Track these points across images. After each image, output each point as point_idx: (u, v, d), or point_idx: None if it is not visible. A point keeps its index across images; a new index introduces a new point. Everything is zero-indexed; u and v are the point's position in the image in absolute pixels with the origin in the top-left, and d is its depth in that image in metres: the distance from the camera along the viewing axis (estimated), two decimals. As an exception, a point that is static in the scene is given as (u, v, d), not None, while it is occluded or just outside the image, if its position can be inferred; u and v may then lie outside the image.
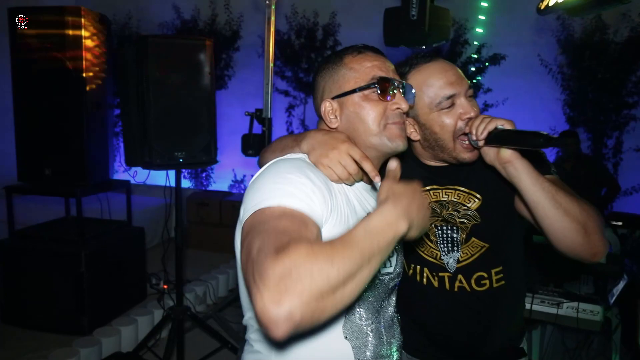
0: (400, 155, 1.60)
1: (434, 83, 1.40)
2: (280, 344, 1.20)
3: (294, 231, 0.91)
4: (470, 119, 1.38)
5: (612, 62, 5.97)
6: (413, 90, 1.35)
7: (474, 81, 6.48)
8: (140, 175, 4.79)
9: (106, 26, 4.25)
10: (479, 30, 6.24)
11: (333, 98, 1.28)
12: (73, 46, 3.88)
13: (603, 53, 5.98)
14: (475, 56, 6.47)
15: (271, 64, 3.53)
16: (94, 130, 4.03)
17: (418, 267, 1.58)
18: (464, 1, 6.42)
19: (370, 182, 1.32)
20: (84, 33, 3.90)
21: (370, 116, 1.24)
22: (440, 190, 1.53)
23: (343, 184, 1.24)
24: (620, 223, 4.90)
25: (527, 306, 3.12)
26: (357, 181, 1.26)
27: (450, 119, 1.39)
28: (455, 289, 1.52)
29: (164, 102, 3.10)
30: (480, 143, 1.31)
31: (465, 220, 1.50)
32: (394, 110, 1.25)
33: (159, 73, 3.07)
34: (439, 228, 1.52)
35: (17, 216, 4.33)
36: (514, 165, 1.27)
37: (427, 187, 1.53)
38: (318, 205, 1.06)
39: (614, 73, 5.96)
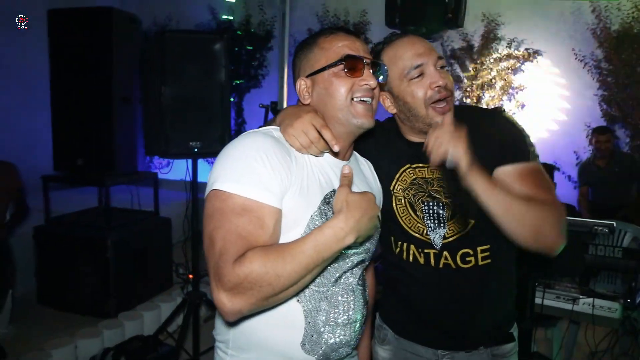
0: (385, 134, 1.65)
1: (402, 55, 1.46)
2: None
3: (251, 235, 1.09)
4: (439, 87, 1.43)
5: (653, 55, 5.70)
6: (385, 67, 1.42)
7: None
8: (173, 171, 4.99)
9: (136, 26, 4.47)
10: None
11: (307, 76, 1.36)
12: (103, 44, 4.12)
13: (643, 46, 5.72)
14: (507, 51, 6.30)
15: (285, 58, 3.62)
16: (122, 123, 4.26)
17: (405, 244, 1.59)
18: (496, -3, 6.29)
19: (336, 156, 1.38)
20: (114, 32, 4.14)
21: (337, 91, 1.31)
22: (425, 168, 1.56)
23: (310, 157, 1.31)
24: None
25: (538, 300, 3.03)
26: (322, 152, 1.32)
27: (420, 88, 1.44)
28: (441, 266, 1.53)
29: (180, 93, 3.24)
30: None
31: (449, 195, 1.53)
32: (361, 85, 1.32)
33: (176, 66, 3.21)
34: (425, 204, 1.54)
35: (56, 206, 4.61)
36: (468, 178, 1.31)
37: (413, 165, 1.57)
38: (275, 183, 1.17)
39: (655, 66, 5.69)
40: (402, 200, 1.58)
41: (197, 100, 3.31)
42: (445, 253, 1.53)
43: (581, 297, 3.10)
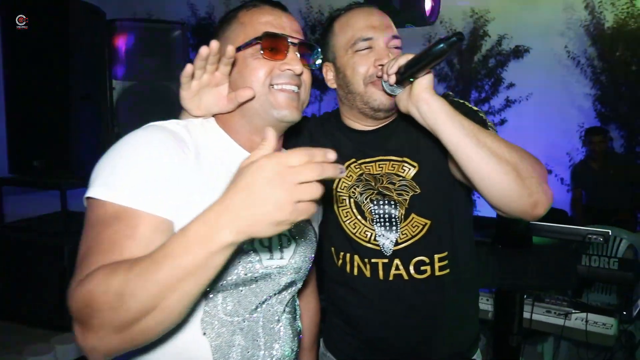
0: (322, 126, 1.38)
1: (354, 24, 1.29)
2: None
3: (114, 248, 0.84)
4: (383, 65, 1.20)
5: (649, 52, 5.50)
6: (319, 50, 1.15)
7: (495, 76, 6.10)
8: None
9: (99, 17, 4.17)
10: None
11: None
12: (60, 37, 3.82)
13: (638, 43, 5.50)
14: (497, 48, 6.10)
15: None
16: (81, 122, 3.95)
17: (348, 255, 1.35)
18: (485, -8, 6.08)
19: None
20: (71, 24, 3.84)
21: (253, 76, 1.05)
22: (372, 164, 1.33)
23: (222, 155, 1.05)
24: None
25: (527, 315, 2.78)
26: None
27: (364, 63, 1.26)
28: (391, 278, 1.31)
29: (134, 86, 2.96)
30: (391, 80, 1.13)
31: (402, 192, 1.30)
32: (283, 70, 1.05)
33: (128, 58, 2.94)
34: (375, 202, 1.32)
35: (17, 210, 4.31)
36: (428, 103, 1.10)
37: (360, 160, 1.34)
38: (162, 187, 0.93)
39: (651, 64, 5.48)
40: (347, 201, 1.34)
41: (154, 94, 3.03)
42: (396, 262, 1.30)
43: (574, 311, 2.84)
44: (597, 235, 2.71)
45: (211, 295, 1.00)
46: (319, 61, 1.15)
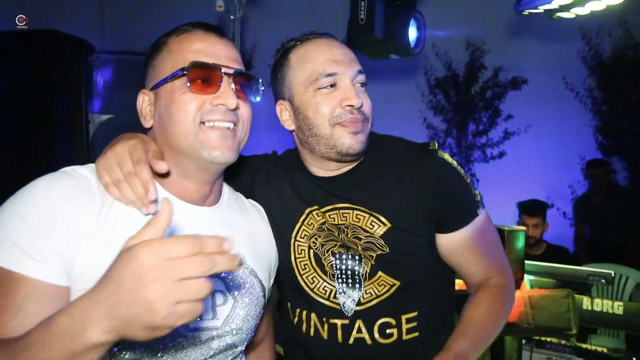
0: (280, 168, 1.25)
1: (314, 57, 1.14)
2: None
3: None
4: (351, 107, 1.09)
5: (648, 82, 5.41)
6: (259, 80, 1.04)
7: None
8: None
9: (87, 51, 4.14)
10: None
11: (151, 89, 1.01)
12: (43, 71, 3.78)
13: (637, 72, 5.42)
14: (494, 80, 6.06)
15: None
16: (64, 158, 3.88)
17: (304, 312, 1.22)
18: (481, 23, 6.06)
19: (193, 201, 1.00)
20: (56, 58, 3.80)
21: (181, 112, 0.94)
22: (336, 212, 1.18)
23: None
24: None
25: (526, 362, 2.60)
26: (139, 199, 0.90)
27: (328, 102, 1.11)
28: (351, 342, 1.18)
29: (112, 119, 2.88)
30: None
31: (368, 249, 1.16)
32: (215, 106, 0.94)
33: (107, 91, 2.86)
34: (337, 256, 1.19)
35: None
36: None
37: (323, 207, 1.19)
38: (51, 246, 0.81)
39: (651, 94, 5.39)
40: (305, 252, 1.19)
41: (133, 129, 2.93)
42: (358, 323, 1.16)
43: (576, 359, 2.65)
44: (599, 277, 2.55)
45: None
46: (253, 94, 1.02)
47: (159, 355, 0.88)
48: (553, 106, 5.90)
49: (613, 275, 2.46)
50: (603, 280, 2.51)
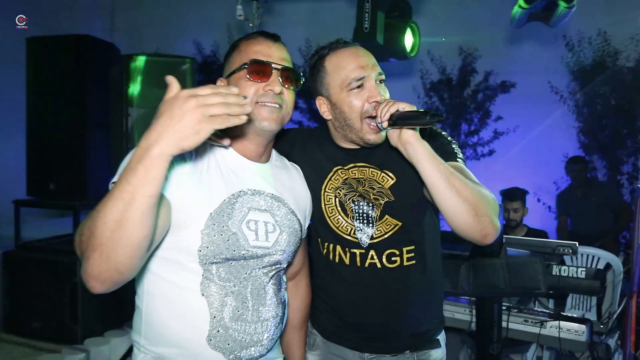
0: (315, 137, 1.67)
1: (346, 65, 1.47)
2: (147, 299, 1.27)
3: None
4: (377, 102, 1.45)
5: (626, 87, 5.82)
6: (300, 74, 1.41)
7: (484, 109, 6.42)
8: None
9: (113, 54, 4.55)
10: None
11: (226, 77, 1.39)
12: (78, 71, 4.19)
13: (616, 78, 5.85)
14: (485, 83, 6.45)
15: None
16: (95, 149, 4.27)
17: (331, 245, 1.60)
18: (473, 30, 6.47)
19: (252, 158, 1.40)
20: (89, 59, 4.21)
21: (243, 94, 1.30)
22: (356, 169, 1.58)
23: (216, 153, 1.33)
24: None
25: (504, 324, 2.98)
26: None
27: (358, 100, 1.46)
28: (366, 265, 1.54)
29: (147, 116, 3.28)
30: (384, 125, 1.37)
31: (379, 197, 1.54)
32: (265, 91, 1.32)
33: (141, 88, 3.26)
34: (355, 203, 1.55)
35: (31, 233, 4.57)
36: (413, 146, 1.32)
37: (346, 166, 1.58)
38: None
39: (628, 98, 5.80)
40: (332, 200, 1.59)
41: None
42: (371, 252, 1.54)
43: (548, 320, 3.04)
44: (565, 247, 2.94)
45: (206, 263, 1.25)
46: (295, 84, 1.38)
47: (230, 263, 1.28)
48: (539, 108, 6.28)
49: (577, 244, 2.85)
50: (570, 251, 2.91)
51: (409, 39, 3.09)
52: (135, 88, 3.25)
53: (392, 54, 3.02)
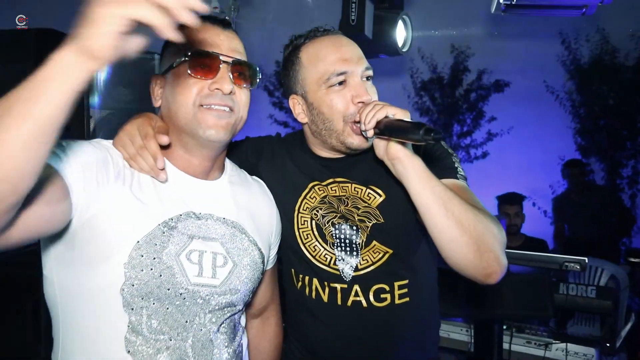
0: (284, 147, 1.38)
1: (325, 57, 1.22)
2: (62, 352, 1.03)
3: None
4: (363, 103, 1.18)
5: (624, 86, 5.62)
6: (256, 69, 1.12)
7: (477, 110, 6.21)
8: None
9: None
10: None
11: (162, 73, 1.12)
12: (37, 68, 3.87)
13: (613, 77, 5.65)
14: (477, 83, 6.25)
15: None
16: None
17: (306, 277, 1.33)
18: (465, 27, 6.25)
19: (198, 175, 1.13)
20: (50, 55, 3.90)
21: (182, 95, 1.05)
22: (336, 185, 1.31)
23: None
24: (638, 260, 4.45)
25: (506, 346, 2.74)
26: (152, 169, 1.04)
27: (341, 99, 1.21)
28: (349, 304, 1.29)
29: (111, 114, 2.97)
30: (369, 133, 1.11)
31: (365, 219, 1.28)
32: (212, 90, 1.04)
33: (106, 88, 2.95)
34: (336, 227, 1.29)
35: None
36: (402, 162, 1.10)
37: (324, 181, 1.32)
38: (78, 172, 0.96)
39: (627, 98, 5.60)
40: (308, 223, 1.32)
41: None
42: (355, 288, 1.28)
43: (554, 342, 2.80)
44: (573, 263, 2.70)
45: (133, 309, 0.97)
46: (250, 81, 1.11)
47: (165, 306, 1.00)
48: (534, 108, 6.10)
49: (587, 261, 2.61)
50: (578, 267, 2.66)
51: (401, 33, 2.80)
52: (97, 87, 2.92)
53: (382, 49, 2.72)
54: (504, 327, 2.76)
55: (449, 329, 2.98)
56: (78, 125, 3.02)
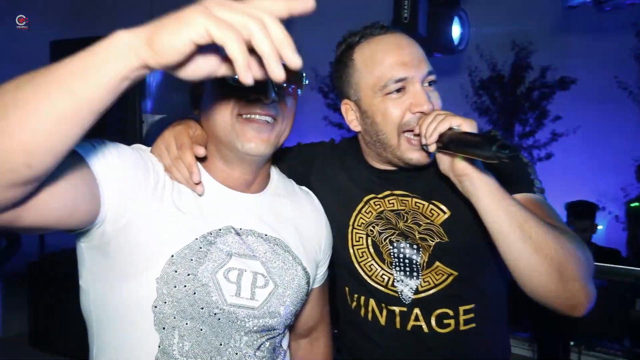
0: (338, 156, 1.28)
1: (382, 60, 1.09)
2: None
3: None
4: (422, 113, 1.05)
5: None
6: (303, 74, 0.99)
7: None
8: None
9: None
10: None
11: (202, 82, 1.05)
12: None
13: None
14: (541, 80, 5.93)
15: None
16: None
17: (362, 297, 1.22)
18: (527, 22, 5.95)
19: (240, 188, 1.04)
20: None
21: (218, 104, 0.96)
22: (395, 199, 1.19)
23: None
24: None
25: (574, 364, 2.55)
26: (189, 180, 0.97)
27: (397, 108, 1.08)
28: (408, 328, 1.17)
29: (163, 119, 3.05)
30: (431, 148, 0.98)
31: (427, 237, 1.15)
32: (250, 99, 0.94)
33: (159, 94, 3.03)
34: (394, 245, 1.17)
35: (53, 240, 4.44)
36: (471, 180, 0.97)
37: (380, 194, 1.19)
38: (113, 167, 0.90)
39: None
40: (364, 240, 1.20)
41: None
42: (416, 311, 1.15)
43: (630, 362, 2.58)
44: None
45: (165, 328, 0.92)
46: (301, 87, 1.00)
47: (199, 328, 0.94)
48: (604, 107, 5.71)
49: (667, 274, 2.39)
50: (657, 281, 2.44)
51: (456, 30, 2.65)
52: (150, 92, 2.99)
53: (437, 47, 2.58)
54: (572, 343, 2.58)
55: (511, 343, 2.83)
56: (131, 130, 3.10)
